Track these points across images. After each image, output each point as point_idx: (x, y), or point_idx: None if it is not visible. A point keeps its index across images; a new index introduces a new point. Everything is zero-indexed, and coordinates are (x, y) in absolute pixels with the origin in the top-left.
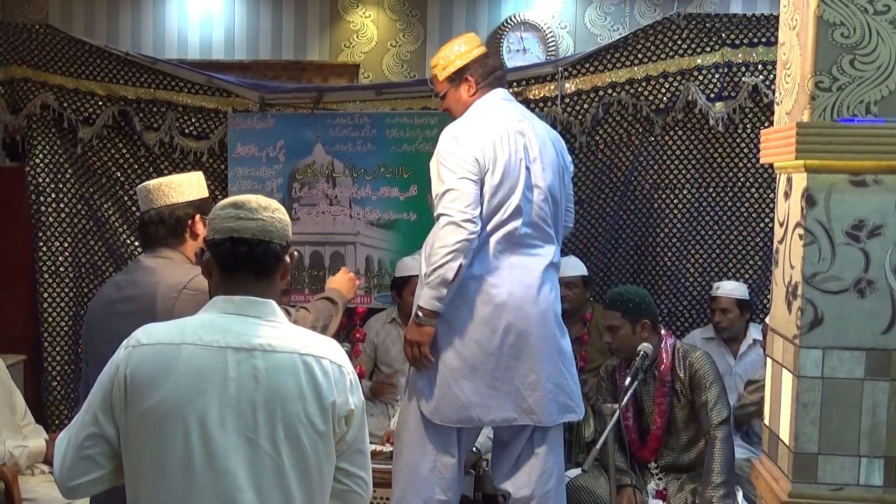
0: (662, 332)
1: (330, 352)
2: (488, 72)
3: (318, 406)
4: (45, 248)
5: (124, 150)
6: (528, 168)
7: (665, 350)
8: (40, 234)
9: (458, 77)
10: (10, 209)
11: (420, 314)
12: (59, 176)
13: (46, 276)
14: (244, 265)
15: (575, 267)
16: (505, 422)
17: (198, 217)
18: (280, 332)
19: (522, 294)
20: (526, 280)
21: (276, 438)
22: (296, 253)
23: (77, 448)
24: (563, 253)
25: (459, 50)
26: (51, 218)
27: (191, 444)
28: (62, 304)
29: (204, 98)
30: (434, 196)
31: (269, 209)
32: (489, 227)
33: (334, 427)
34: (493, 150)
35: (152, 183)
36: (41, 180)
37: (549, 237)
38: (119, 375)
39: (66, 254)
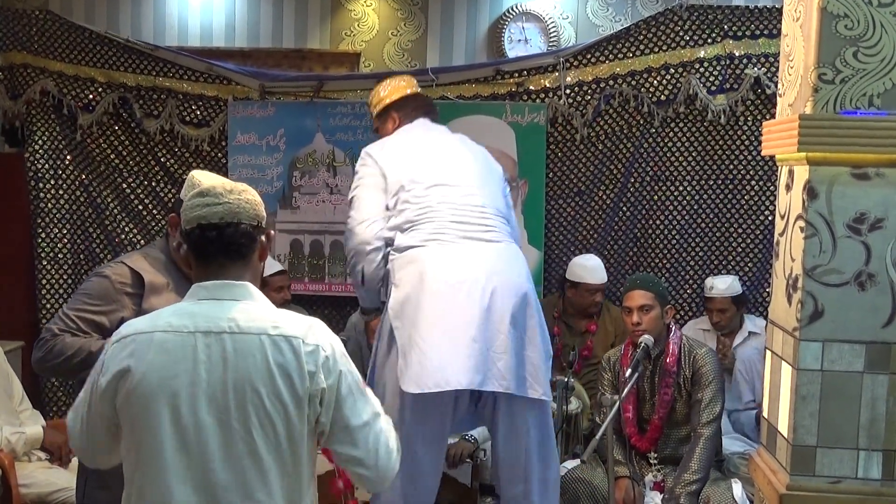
0: (672, 324)
1: (304, 331)
2: (410, 109)
3: (287, 386)
4: (43, 235)
5: (124, 138)
6: (443, 172)
7: (673, 342)
8: (39, 221)
9: (384, 114)
10: (10, 195)
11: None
12: (59, 162)
13: (45, 262)
14: (216, 250)
15: (604, 272)
16: (478, 385)
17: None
18: (252, 314)
19: (487, 266)
20: (475, 261)
21: (248, 419)
22: (272, 232)
23: (89, 432)
24: (568, 246)
25: (384, 92)
26: (50, 204)
27: (163, 427)
28: (61, 291)
29: (204, 86)
30: None
31: (236, 192)
32: (416, 220)
33: (307, 407)
34: (402, 161)
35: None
36: (40, 167)
37: (490, 228)
38: (106, 370)
39: (65, 240)
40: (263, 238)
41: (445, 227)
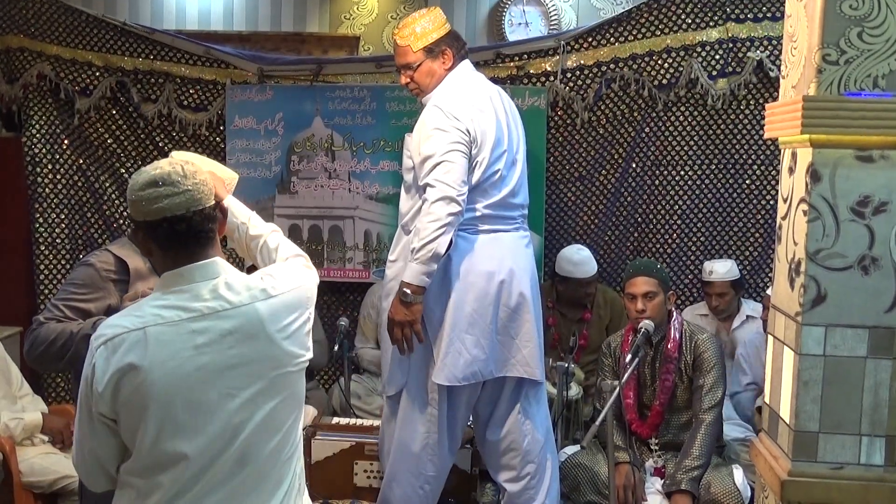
0: (673, 310)
1: (286, 283)
2: (461, 45)
3: (288, 338)
4: (41, 220)
5: (121, 122)
6: (508, 138)
7: (674, 328)
8: (37, 206)
9: (436, 48)
10: (7, 180)
11: (408, 291)
12: (56, 147)
13: (43, 247)
14: (187, 240)
15: (593, 263)
16: (501, 373)
17: None
18: (236, 287)
19: (512, 257)
20: (512, 244)
21: (258, 389)
22: (226, 205)
23: (100, 448)
24: (568, 231)
25: (433, 23)
26: (47, 189)
27: (177, 418)
28: (59, 276)
29: (202, 69)
30: (419, 164)
31: (190, 175)
32: (478, 196)
33: (306, 351)
34: (482, 122)
35: None
36: (38, 151)
37: (523, 206)
38: (100, 375)
39: (63, 225)
40: (220, 214)
41: (488, 218)
